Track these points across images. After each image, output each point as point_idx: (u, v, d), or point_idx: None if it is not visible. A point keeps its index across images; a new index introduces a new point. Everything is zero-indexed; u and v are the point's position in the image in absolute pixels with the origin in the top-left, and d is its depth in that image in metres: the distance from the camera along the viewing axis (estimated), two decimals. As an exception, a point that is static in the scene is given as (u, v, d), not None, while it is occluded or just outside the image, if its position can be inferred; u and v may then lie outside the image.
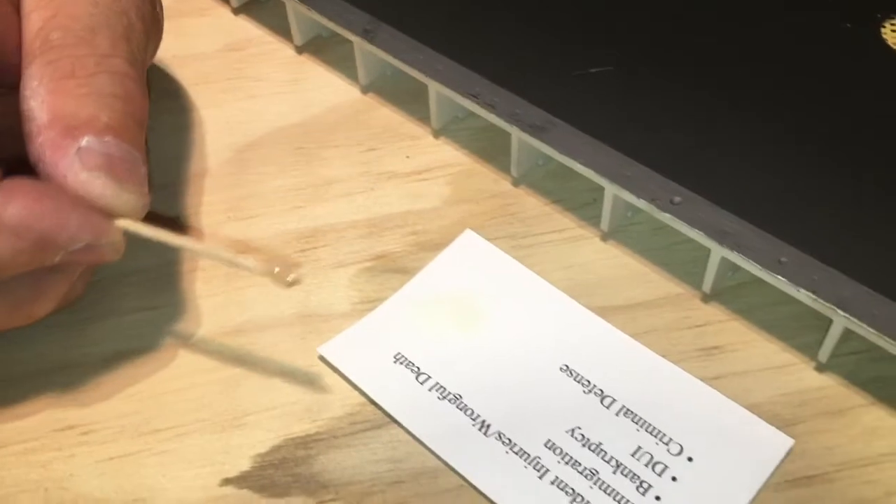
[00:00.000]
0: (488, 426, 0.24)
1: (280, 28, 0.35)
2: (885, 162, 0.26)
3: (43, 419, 0.25)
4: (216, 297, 0.27)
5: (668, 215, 0.25)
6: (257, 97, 0.33)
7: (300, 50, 0.35)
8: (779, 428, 0.24)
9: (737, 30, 0.30)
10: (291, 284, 0.22)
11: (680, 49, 0.29)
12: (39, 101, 0.21)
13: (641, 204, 0.26)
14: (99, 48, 0.22)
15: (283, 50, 0.35)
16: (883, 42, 0.29)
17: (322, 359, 0.26)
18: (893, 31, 0.30)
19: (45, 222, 0.21)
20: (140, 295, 0.27)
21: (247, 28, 0.36)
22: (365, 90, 0.33)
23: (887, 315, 0.23)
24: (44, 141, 0.21)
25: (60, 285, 0.24)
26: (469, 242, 0.28)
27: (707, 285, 0.26)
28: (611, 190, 0.26)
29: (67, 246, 0.22)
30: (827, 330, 0.24)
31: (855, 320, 0.23)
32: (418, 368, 0.25)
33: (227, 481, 0.24)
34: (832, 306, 0.23)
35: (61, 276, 0.23)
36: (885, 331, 0.22)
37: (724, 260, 0.25)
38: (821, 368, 0.25)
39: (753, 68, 0.29)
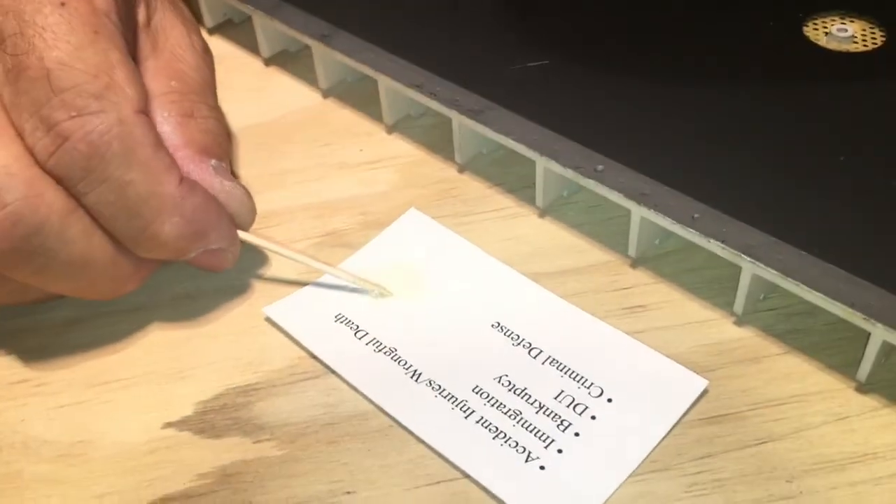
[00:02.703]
0: (420, 374, 0.25)
1: (250, 45, 0.37)
2: (790, 130, 0.28)
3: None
4: (169, 266, 0.29)
5: (591, 181, 0.27)
6: (224, 102, 0.35)
7: (267, 62, 0.37)
8: (695, 373, 0.25)
9: (664, 30, 0.32)
10: (384, 296, 0.27)
11: (612, 41, 0.31)
12: (172, 127, 0.26)
13: (568, 173, 0.27)
14: (208, 100, 0.27)
15: (252, 64, 0.37)
16: (805, 38, 0.32)
17: (268, 320, 0.27)
18: (815, 29, 0.32)
19: (210, 218, 0.25)
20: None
21: (220, 45, 0.38)
22: (325, 94, 0.35)
23: (791, 260, 0.24)
24: (183, 156, 0.25)
25: (149, 270, 0.26)
26: (413, 219, 0.30)
27: (632, 248, 0.28)
28: (541, 163, 0.28)
29: (211, 244, 0.25)
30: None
31: (761, 265, 0.24)
32: (357, 326, 0.27)
33: (169, 425, 0.25)
34: (739, 253, 0.24)
35: (153, 264, 0.26)
36: (789, 274, 0.24)
37: (645, 221, 0.27)
38: (739, 322, 0.26)
39: (677, 61, 0.31)
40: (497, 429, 0.24)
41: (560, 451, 0.23)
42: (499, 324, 0.26)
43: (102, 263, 0.25)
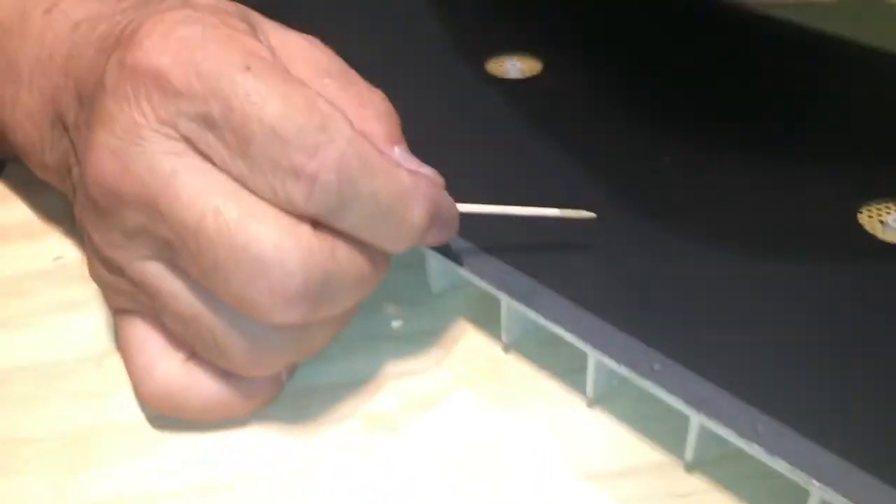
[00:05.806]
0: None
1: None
2: (862, 337, 0.27)
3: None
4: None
5: (648, 382, 0.26)
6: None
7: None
8: None
9: (719, 213, 0.31)
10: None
11: (671, 237, 0.31)
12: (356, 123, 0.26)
13: (622, 370, 0.26)
14: (357, 80, 0.28)
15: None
16: (860, 227, 0.31)
17: None
18: (870, 217, 0.31)
19: (434, 188, 0.27)
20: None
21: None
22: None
23: (863, 487, 0.23)
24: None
25: (346, 319, 0.28)
26: (461, 409, 0.29)
27: (689, 454, 0.26)
28: (594, 356, 0.27)
29: (443, 211, 0.27)
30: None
31: (830, 490, 0.23)
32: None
33: None
34: (808, 477, 0.23)
35: (349, 314, 0.28)
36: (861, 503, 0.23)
37: (703, 428, 0.26)
38: (802, 543, 0.25)
39: (734, 251, 0.30)
40: None
41: None
42: (548, 531, 0.25)
43: (370, 274, 0.26)
